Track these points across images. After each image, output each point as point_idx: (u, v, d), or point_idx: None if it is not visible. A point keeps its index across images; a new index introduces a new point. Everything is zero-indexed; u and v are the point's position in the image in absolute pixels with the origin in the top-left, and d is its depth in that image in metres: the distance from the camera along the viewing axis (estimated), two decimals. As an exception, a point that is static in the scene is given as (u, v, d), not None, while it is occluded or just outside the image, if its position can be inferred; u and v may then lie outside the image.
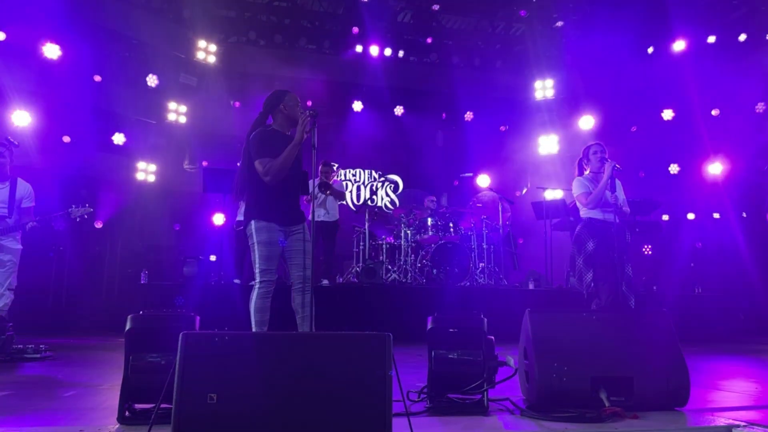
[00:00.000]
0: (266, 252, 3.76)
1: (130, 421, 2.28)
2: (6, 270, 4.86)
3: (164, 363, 2.30)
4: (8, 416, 2.52)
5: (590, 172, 4.80)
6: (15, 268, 4.93)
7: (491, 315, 2.78)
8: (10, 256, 4.89)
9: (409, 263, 7.89)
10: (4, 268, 4.85)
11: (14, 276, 4.93)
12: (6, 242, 4.88)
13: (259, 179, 3.80)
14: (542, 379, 2.57)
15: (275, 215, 3.76)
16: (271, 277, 3.79)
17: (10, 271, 4.89)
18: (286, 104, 3.86)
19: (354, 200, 10.91)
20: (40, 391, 3.25)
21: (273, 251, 3.78)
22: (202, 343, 1.76)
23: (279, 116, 3.89)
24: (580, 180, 4.78)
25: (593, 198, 4.60)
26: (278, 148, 3.79)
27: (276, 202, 3.78)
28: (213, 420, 1.67)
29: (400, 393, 2.11)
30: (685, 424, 2.41)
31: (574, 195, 4.80)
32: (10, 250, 4.90)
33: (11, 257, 4.89)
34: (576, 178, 4.83)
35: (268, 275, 3.77)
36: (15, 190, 4.96)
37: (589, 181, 4.74)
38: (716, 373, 4.23)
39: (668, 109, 10.20)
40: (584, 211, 4.74)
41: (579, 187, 4.75)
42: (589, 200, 4.62)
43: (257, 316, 3.78)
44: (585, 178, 4.78)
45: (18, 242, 4.97)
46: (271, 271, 3.80)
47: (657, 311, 2.91)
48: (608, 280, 4.52)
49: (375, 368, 1.76)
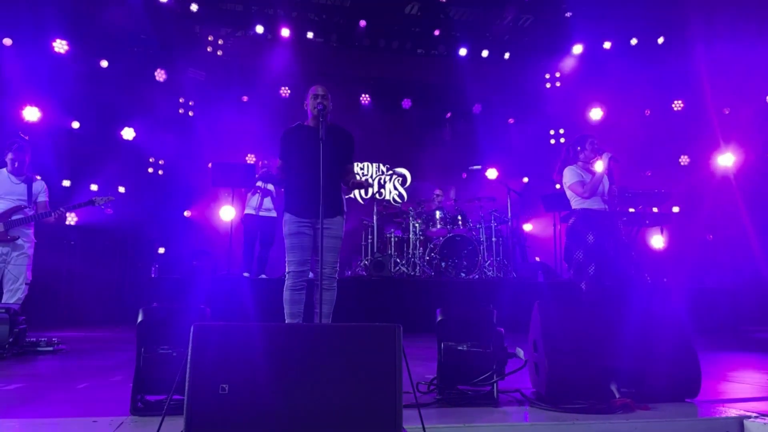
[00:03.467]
0: (291, 244, 3.83)
1: (142, 413, 2.30)
2: (22, 264, 4.96)
3: (176, 355, 2.32)
4: (23, 408, 2.55)
5: (581, 162, 4.69)
6: (30, 262, 5.04)
7: (500, 307, 2.78)
8: (27, 248, 4.98)
9: (417, 256, 7.89)
10: (21, 261, 4.94)
11: (29, 270, 5.03)
12: (25, 234, 4.98)
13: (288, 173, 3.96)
14: (552, 370, 2.56)
15: (301, 209, 3.83)
16: (297, 268, 3.82)
17: (26, 265, 4.99)
18: (306, 100, 4.00)
19: (362, 193, 10.92)
20: (53, 384, 3.29)
21: (299, 244, 3.82)
22: (213, 334, 1.77)
23: (307, 111, 4.03)
24: (572, 169, 4.65)
25: (590, 187, 4.49)
26: (295, 146, 3.91)
27: (302, 196, 3.83)
28: (225, 410, 1.68)
29: (410, 384, 2.12)
30: (696, 415, 2.40)
31: (567, 184, 4.65)
32: (27, 243, 5.01)
33: (26, 251, 4.99)
34: (568, 167, 4.69)
35: (294, 267, 3.82)
36: (31, 185, 5.07)
37: (582, 171, 4.64)
38: (727, 365, 4.21)
39: (678, 100, 10.12)
40: (578, 201, 4.61)
41: (572, 176, 4.62)
42: (585, 189, 4.51)
43: (286, 308, 3.84)
44: (577, 167, 4.68)
45: (32, 236, 5.07)
46: (298, 263, 3.82)
47: (667, 303, 2.90)
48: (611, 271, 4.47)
49: (385, 360, 1.76)
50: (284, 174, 4.00)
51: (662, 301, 2.83)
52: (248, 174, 7.27)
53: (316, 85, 4.01)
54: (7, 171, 5.04)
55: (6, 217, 4.89)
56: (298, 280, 3.82)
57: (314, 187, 3.63)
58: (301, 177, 3.85)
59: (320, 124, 3.74)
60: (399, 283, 7.15)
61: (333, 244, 3.91)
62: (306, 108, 4.05)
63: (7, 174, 5.03)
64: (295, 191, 3.91)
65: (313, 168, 3.64)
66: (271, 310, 5.22)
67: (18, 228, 4.94)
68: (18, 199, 4.99)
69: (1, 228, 4.85)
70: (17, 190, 5.01)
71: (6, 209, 4.92)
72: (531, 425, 2.24)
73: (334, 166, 3.96)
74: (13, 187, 5.00)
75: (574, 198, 4.66)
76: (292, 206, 3.91)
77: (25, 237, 5.01)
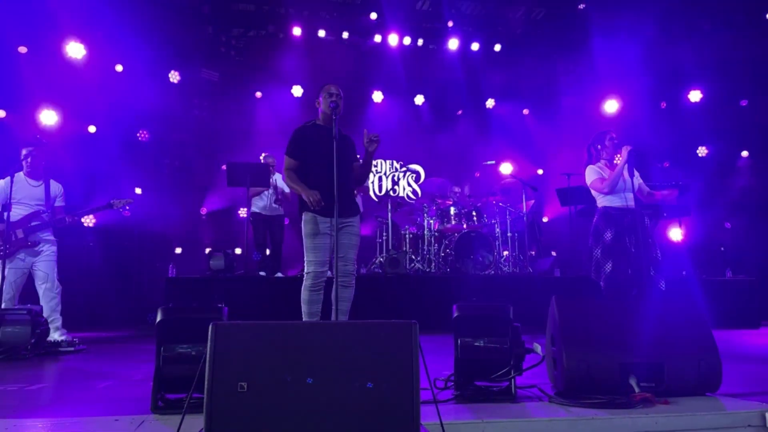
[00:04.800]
0: (311, 245, 3.82)
1: (163, 411, 2.33)
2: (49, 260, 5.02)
3: (194, 353, 2.34)
4: (46, 407, 2.59)
5: (604, 160, 4.68)
6: (55, 259, 5.11)
7: (517, 303, 2.76)
8: (50, 249, 5.05)
9: (432, 253, 7.87)
10: (48, 258, 5.01)
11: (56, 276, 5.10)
12: (45, 238, 5.04)
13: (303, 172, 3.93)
14: (570, 365, 2.54)
15: (321, 208, 3.80)
16: (316, 268, 3.80)
17: (53, 261, 5.05)
18: (319, 98, 3.98)
19: (376, 191, 10.92)
20: (75, 383, 3.34)
21: (320, 244, 3.81)
22: (231, 332, 1.78)
23: (319, 110, 4.02)
24: (592, 167, 4.66)
25: (609, 183, 4.47)
26: (308, 145, 3.91)
27: (321, 195, 3.79)
28: (244, 408, 1.70)
29: (427, 381, 2.12)
30: (716, 409, 2.37)
31: (588, 183, 4.66)
32: (49, 245, 5.07)
33: (50, 253, 5.05)
34: (589, 166, 4.70)
35: (312, 266, 3.81)
36: (49, 188, 5.12)
37: (603, 168, 4.64)
38: (748, 358, 4.15)
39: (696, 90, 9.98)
40: (600, 199, 4.62)
41: (592, 174, 4.63)
42: (605, 185, 4.49)
43: (304, 308, 3.83)
44: (597, 165, 4.68)
45: (52, 236, 5.13)
46: (317, 263, 3.81)
47: (686, 296, 2.86)
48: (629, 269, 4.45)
49: (402, 356, 1.77)
50: (297, 173, 3.96)
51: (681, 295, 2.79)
52: (263, 173, 7.30)
53: (330, 84, 3.99)
54: (24, 174, 5.07)
55: (25, 223, 4.95)
56: (317, 280, 3.80)
57: (332, 185, 3.60)
58: (318, 176, 3.83)
59: (334, 122, 3.73)
60: (414, 280, 7.14)
61: (354, 242, 3.91)
62: (318, 107, 4.03)
63: (24, 177, 5.06)
64: (314, 190, 3.88)
65: (331, 167, 3.62)
66: (288, 309, 5.25)
67: (37, 234, 4.99)
68: (36, 204, 5.03)
69: (20, 234, 4.91)
70: (35, 193, 5.05)
71: (25, 215, 4.96)
72: (550, 421, 2.23)
73: (348, 165, 3.97)
74: (32, 191, 5.04)
75: (597, 196, 4.67)
76: (307, 205, 3.87)
77: (47, 242, 5.06)
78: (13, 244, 4.86)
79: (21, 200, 4.97)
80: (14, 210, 4.91)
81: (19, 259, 4.92)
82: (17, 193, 4.92)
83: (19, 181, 4.98)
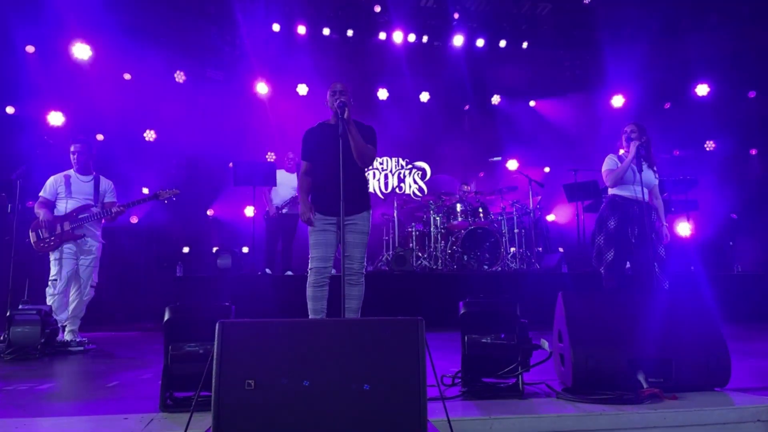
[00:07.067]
0: (314, 241, 3.90)
1: (171, 409, 2.34)
2: (91, 265, 5.06)
3: (202, 352, 2.35)
4: (56, 406, 2.61)
5: (624, 152, 4.74)
6: (97, 263, 5.15)
7: (524, 299, 2.76)
8: (95, 249, 5.08)
9: (439, 250, 7.87)
10: (90, 262, 5.04)
11: (96, 272, 5.14)
12: (93, 233, 5.07)
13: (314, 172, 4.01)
14: (578, 361, 2.54)
15: (325, 206, 3.87)
16: (319, 264, 3.85)
17: (94, 267, 5.09)
18: (327, 98, 4.00)
19: (382, 188, 10.91)
20: (85, 382, 3.36)
21: (322, 241, 3.87)
22: (238, 331, 1.79)
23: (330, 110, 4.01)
24: (610, 157, 4.74)
25: (614, 175, 4.55)
26: (316, 145, 3.97)
27: (326, 194, 3.85)
28: (251, 405, 1.71)
29: (434, 377, 2.12)
30: (725, 404, 2.36)
31: (602, 171, 4.76)
32: (95, 243, 5.10)
33: (95, 252, 5.08)
34: (608, 155, 4.78)
35: (316, 263, 3.86)
36: (99, 184, 5.17)
37: (620, 159, 4.69)
38: (757, 353, 4.13)
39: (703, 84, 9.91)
40: (611, 188, 4.69)
41: (606, 163, 4.73)
42: (608, 177, 4.61)
43: (309, 305, 3.89)
44: (616, 155, 4.73)
45: (100, 237, 5.17)
46: (320, 260, 3.85)
47: (694, 291, 2.85)
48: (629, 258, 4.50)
49: (408, 353, 1.77)
50: (310, 176, 4.02)
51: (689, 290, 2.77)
52: (269, 172, 7.31)
53: (335, 82, 4.01)
54: (74, 171, 5.14)
55: (73, 215, 4.99)
56: (319, 276, 3.84)
57: (338, 183, 3.59)
58: (324, 174, 3.88)
59: (339, 120, 3.73)
60: (421, 277, 7.14)
61: (360, 240, 3.92)
62: (328, 106, 4.05)
63: (74, 173, 5.13)
64: (320, 189, 3.95)
65: (337, 165, 3.62)
66: (295, 307, 5.27)
67: (85, 227, 5.02)
68: (85, 198, 5.08)
69: (67, 227, 4.93)
70: (85, 189, 5.10)
71: (74, 208, 5.01)
72: (558, 417, 2.23)
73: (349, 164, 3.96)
74: (82, 186, 5.10)
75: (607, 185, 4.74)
76: (316, 204, 3.94)
77: (94, 237, 5.09)
78: (58, 237, 4.90)
79: (71, 195, 5.04)
80: (65, 204, 5.00)
81: (68, 250, 4.94)
82: (68, 188, 5.03)
83: (71, 177, 5.10)
